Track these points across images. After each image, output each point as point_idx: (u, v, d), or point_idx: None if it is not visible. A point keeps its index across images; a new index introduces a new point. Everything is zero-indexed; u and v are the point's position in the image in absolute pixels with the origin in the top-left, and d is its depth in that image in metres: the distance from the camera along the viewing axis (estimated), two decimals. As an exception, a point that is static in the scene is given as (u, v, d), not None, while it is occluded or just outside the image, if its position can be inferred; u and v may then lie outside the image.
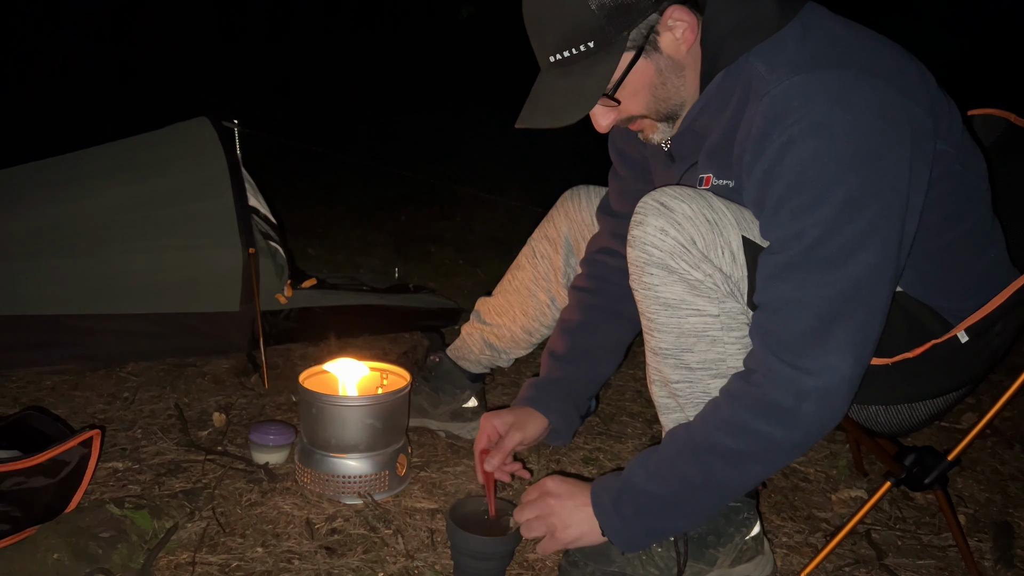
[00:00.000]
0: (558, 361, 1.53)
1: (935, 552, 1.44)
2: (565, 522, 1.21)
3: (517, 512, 1.26)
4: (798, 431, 1.05)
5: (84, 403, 1.86)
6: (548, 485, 1.25)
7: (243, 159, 2.16)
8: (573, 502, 1.21)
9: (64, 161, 2.19)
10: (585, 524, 1.20)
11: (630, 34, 1.08)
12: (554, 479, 1.26)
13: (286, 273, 2.19)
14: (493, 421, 1.46)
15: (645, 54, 1.10)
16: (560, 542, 1.22)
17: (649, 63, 1.11)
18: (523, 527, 1.23)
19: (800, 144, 1.00)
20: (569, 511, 1.21)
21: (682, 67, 1.13)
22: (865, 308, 1.03)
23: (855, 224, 1.00)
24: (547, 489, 1.24)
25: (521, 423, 1.46)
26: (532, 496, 1.25)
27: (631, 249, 1.15)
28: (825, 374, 1.02)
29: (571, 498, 1.22)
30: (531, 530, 1.23)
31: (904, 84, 1.05)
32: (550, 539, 1.22)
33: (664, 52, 1.11)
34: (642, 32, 1.09)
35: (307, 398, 1.51)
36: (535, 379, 1.54)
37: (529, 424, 1.47)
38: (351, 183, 4.98)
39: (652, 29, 1.09)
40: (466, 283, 3.13)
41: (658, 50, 1.11)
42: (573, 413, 1.53)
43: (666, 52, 1.11)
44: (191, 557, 1.27)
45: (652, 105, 1.16)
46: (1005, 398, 1.23)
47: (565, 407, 1.51)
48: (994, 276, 1.19)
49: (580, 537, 1.21)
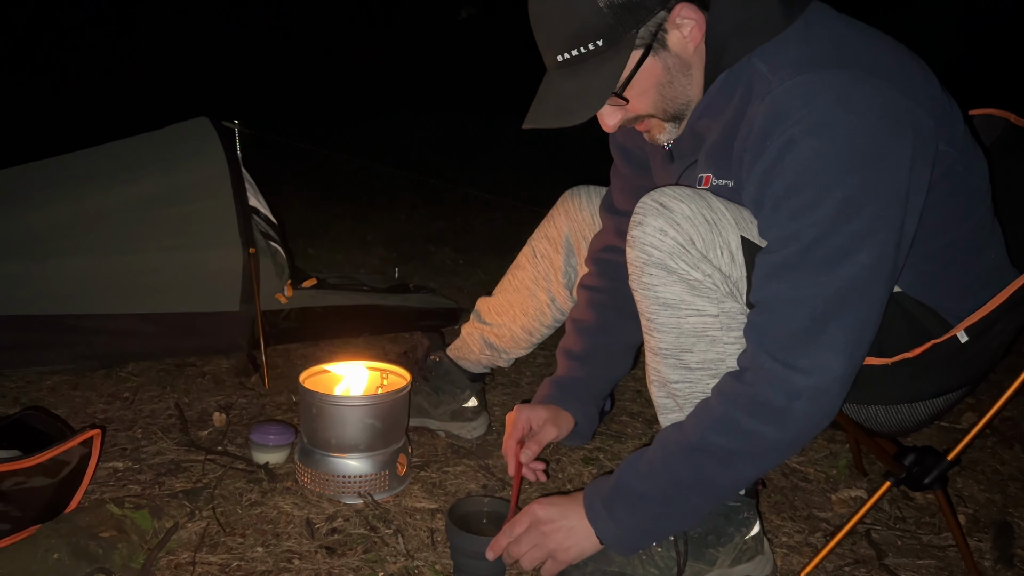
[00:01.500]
0: (576, 361, 1.52)
1: (935, 552, 1.44)
2: (564, 545, 1.18)
3: (513, 546, 1.20)
4: (790, 430, 1.05)
5: (84, 403, 1.86)
6: (537, 513, 1.20)
7: (243, 159, 2.16)
8: (566, 522, 1.19)
9: (64, 161, 2.19)
10: (584, 540, 1.18)
11: (638, 32, 1.07)
12: (539, 505, 1.22)
13: (286, 273, 2.19)
14: (528, 414, 1.44)
15: (653, 52, 1.10)
16: (563, 563, 1.20)
17: (657, 61, 1.11)
18: (523, 560, 1.19)
19: (800, 144, 1.00)
20: (565, 533, 1.18)
21: (689, 65, 1.13)
22: (860, 308, 1.02)
23: (853, 225, 1.00)
24: (537, 518, 1.20)
25: (555, 419, 1.46)
26: (522, 527, 1.20)
27: (630, 249, 1.15)
28: (818, 373, 1.02)
29: (563, 519, 1.19)
30: (532, 561, 1.19)
31: (906, 85, 1.05)
32: (552, 563, 1.20)
33: (672, 50, 1.11)
34: (650, 30, 1.08)
35: (307, 398, 1.51)
36: (556, 378, 1.53)
37: (562, 422, 1.46)
38: (351, 183, 4.98)
39: (660, 27, 1.08)
40: (466, 283, 3.13)
41: (666, 48, 1.10)
42: (594, 413, 1.53)
43: (674, 50, 1.11)
44: (191, 557, 1.27)
45: (660, 104, 1.15)
46: (1005, 398, 1.23)
47: (588, 407, 1.51)
48: (994, 276, 1.18)
49: (582, 553, 1.19)
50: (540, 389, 1.53)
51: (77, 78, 8.49)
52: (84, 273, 1.97)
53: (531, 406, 1.47)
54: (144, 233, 2.05)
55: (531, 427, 1.45)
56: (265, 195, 2.25)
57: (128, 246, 2.02)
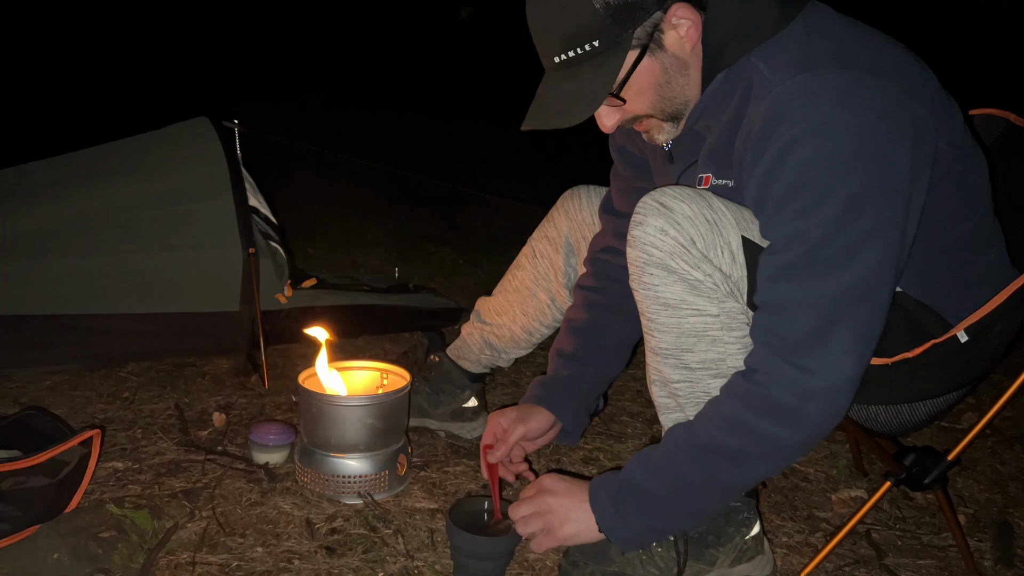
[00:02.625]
0: (565, 359, 1.52)
1: (935, 552, 1.45)
2: (562, 519, 1.20)
3: (513, 508, 1.25)
4: (802, 431, 1.05)
5: (84, 403, 1.86)
6: (546, 483, 1.25)
7: (243, 159, 2.16)
8: (570, 500, 1.21)
9: (64, 161, 2.19)
10: (583, 521, 1.20)
11: (635, 32, 1.08)
12: (552, 477, 1.26)
13: (286, 273, 2.19)
14: (498, 419, 1.47)
15: (650, 52, 1.10)
16: (557, 539, 1.21)
17: (654, 62, 1.11)
18: (519, 523, 1.23)
19: (802, 144, 1.00)
20: (567, 508, 1.21)
21: (687, 65, 1.13)
22: (867, 308, 1.03)
23: (857, 224, 1.00)
24: (545, 486, 1.24)
25: (524, 418, 1.46)
26: (530, 493, 1.25)
27: (631, 249, 1.15)
28: (829, 374, 1.02)
29: (568, 496, 1.22)
30: (528, 526, 1.22)
31: (906, 84, 1.05)
32: (546, 535, 1.22)
33: (669, 50, 1.11)
34: (647, 30, 1.08)
35: (307, 398, 1.51)
36: (542, 377, 1.54)
37: (532, 419, 1.46)
38: (351, 183, 4.97)
39: (657, 27, 1.09)
40: (466, 283, 3.13)
41: (663, 48, 1.10)
42: (582, 411, 1.53)
43: (671, 50, 1.11)
44: (191, 557, 1.27)
45: (658, 104, 1.15)
46: (1005, 398, 1.23)
47: (573, 405, 1.51)
48: (994, 276, 1.18)
49: (577, 534, 1.20)
50: (528, 389, 1.54)
51: (77, 78, 8.49)
52: (84, 273, 1.97)
53: (501, 411, 1.49)
54: (144, 233, 2.04)
55: (503, 430, 1.46)
56: (265, 195, 2.25)
57: (128, 246, 2.02)
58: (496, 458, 1.40)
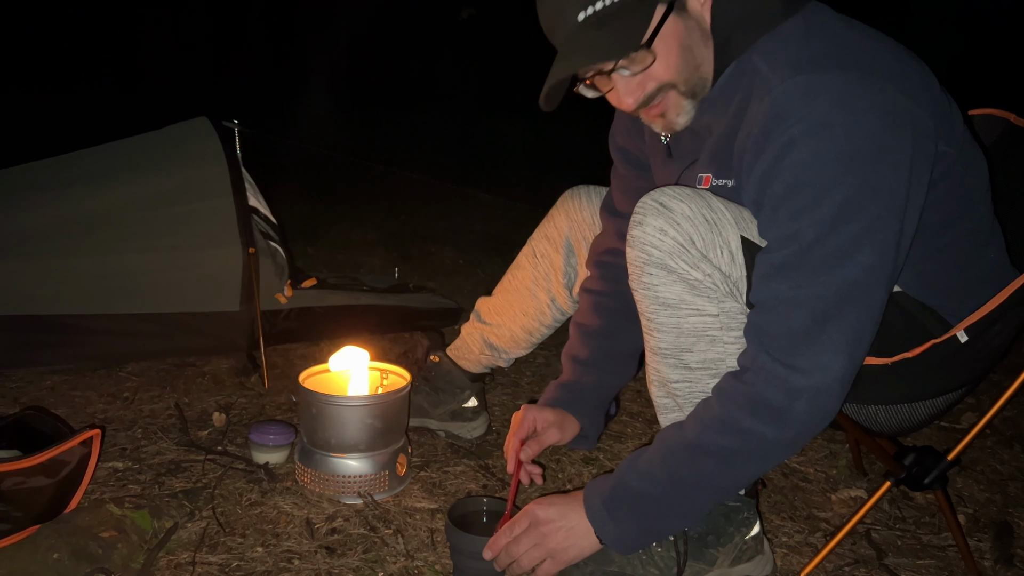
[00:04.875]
0: (584, 366, 1.51)
1: (935, 552, 1.44)
2: (563, 544, 1.18)
3: (512, 545, 1.19)
4: (790, 430, 1.05)
5: (84, 403, 1.86)
6: (536, 513, 1.20)
7: (243, 159, 2.16)
8: (565, 522, 1.19)
9: (64, 161, 2.19)
10: (584, 540, 1.18)
11: None
12: (539, 504, 1.21)
13: (286, 273, 2.19)
14: (535, 415, 1.45)
15: (676, 11, 1.08)
16: (562, 564, 1.19)
17: (679, 21, 1.09)
18: (522, 559, 1.19)
19: (800, 144, 1.00)
20: (565, 533, 1.18)
21: (707, 37, 1.12)
22: (860, 309, 1.02)
23: (853, 225, 1.00)
24: (536, 518, 1.20)
25: (561, 424, 1.46)
26: (522, 527, 1.20)
27: (630, 249, 1.15)
28: (818, 374, 1.02)
29: (563, 519, 1.19)
30: (531, 560, 1.19)
31: (906, 85, 1.05)
32: (551, 563, 1.19)
33: (691, 14, 1.10)
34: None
35: (307, 398, 1.51)
36: (564, 382, 1.52)
37: (567, 427, 1.47)
38: (351, 183, 4.98)
39: None
40: (466, 283, 3.13)
41: (686, 10, 1.10)
42: (600, 418, 1.53)
43: (693, 15, 1.10)
44: (191, 557, 1.27)
45: (683, 71, 1.12)
46: (1005, 398, 1.23)
47: (595, 412, 1.51)
48: (994, 276, 1.18)
49: (581, 554, 1.19)
50: (547, 391, 1.53)
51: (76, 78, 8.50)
52: (84, 273, 1.97)
53: (539, 407, 1.47)
54: (144, 233, 2.05)
55: (536, 428, 1.45)
56: (265, 195, 2.25)
57: (128, 246, 2.02)
58: (528, 457, 1.38)
